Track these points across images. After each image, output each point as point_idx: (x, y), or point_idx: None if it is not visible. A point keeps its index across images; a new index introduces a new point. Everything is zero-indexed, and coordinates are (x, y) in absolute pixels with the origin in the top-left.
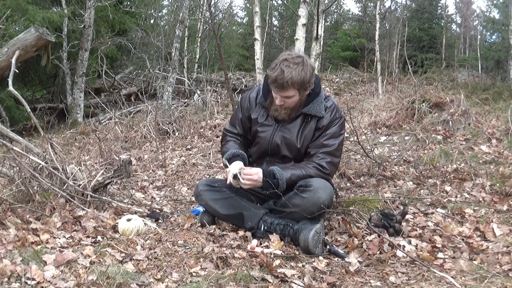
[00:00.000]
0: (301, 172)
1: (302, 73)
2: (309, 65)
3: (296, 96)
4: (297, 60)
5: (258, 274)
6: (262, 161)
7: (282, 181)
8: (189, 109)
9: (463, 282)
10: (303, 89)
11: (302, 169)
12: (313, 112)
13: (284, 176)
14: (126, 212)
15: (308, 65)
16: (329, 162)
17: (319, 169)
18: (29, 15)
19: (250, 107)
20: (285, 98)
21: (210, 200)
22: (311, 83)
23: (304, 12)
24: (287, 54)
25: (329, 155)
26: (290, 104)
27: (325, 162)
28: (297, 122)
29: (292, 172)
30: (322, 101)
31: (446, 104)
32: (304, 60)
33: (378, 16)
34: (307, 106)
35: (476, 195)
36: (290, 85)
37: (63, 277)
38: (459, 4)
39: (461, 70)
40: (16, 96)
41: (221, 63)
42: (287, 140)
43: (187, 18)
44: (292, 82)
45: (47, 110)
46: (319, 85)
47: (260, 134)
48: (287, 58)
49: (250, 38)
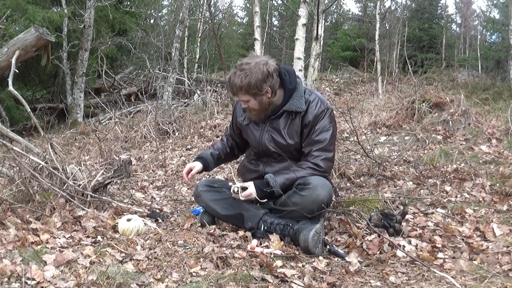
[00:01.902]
0: (295, 175)
1: (246, 79)
2: (260, 70)
3: (252, 100)
4: (244, 66)
5: (258, 274)
6: (259, 162)
7: (276, 187)
8: (189, 109)
9: (463, 282)
10: (253, 94)
11: (296, 172)
12: (293, 108)
13: (277, 183)
14: (126, 212)
15: (256, 70)
16: (323, 159)
17: (314, 169)
18: (29, 15)
19: (238, 111)
20: (244, 102)
21: (210, 201)
22: (265, 87)
23: (304, 12)
24: (239, 62)
25: (323, 151)
26: (253, 107)
27: (320, 160)
28: (282, 120)
29: (286, 176)
30: (302, 95)
31: (446, 104)
32: (252, 66)
33: (378, 16)
34: (287, 103)
35: (476, 195)
36: (236, 91)
37: (63, 277)
38: (459, 4)
39: (461, 70)
40: (16, 96)
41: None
42: (275, 139)
43: (187, 18)
44: (236, 88)
45: (47, 110)
46: (294, 80)
47: (250, 136)
48: (237, 65)
49: (250, 38)
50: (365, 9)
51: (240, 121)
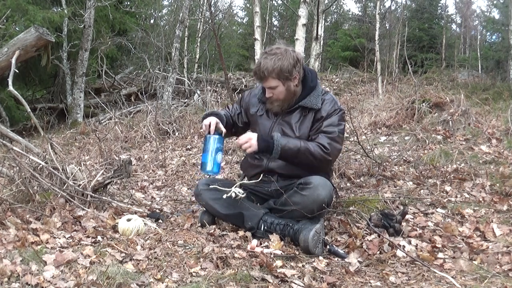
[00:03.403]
0: (299, 142)
1: (279, 62)
2: (290, 55)
3: (280, 86)
4: (275, 51)
5: (258, 274)
6: (263, 156)
7: (278, 142)
8: (189, 109)
9: (463, 282)
10: (283, 78)
11: (302, 141)
12: (310, 105)
13: (280, 141)
14: (126, 212)
15: (288, 55)
16: (330, 143)
17: (320, 147)
18: (29, 15)
19: (250, 101)
20: (271, 89)
21: (210, 200)
22: (295, 73)
23: (304, 12)
24: (268, 48)
25: (330, 139)
26: (278, 96)
27: (326, 142)
28: (295, 115)
29: (290, 139)
30: (320, 94)
31: (446, 104)
32: (283, 51)
33: (378, 16)
34: (304, 99)
35: (476, 195)
36: (267, 75)
37: (63, 277)
38: (459, 4)
39: (461, 70)
40: (16, 96)
41: (221, 63)
42: (285, 132)
43: (187, 18)
44: (268, 71)
45: (47, 110)
46: (315, 79)
47: (259, 127)
48: (266, 51)
49: (250, 38)
50: (365, 9)
51: (252, 112)
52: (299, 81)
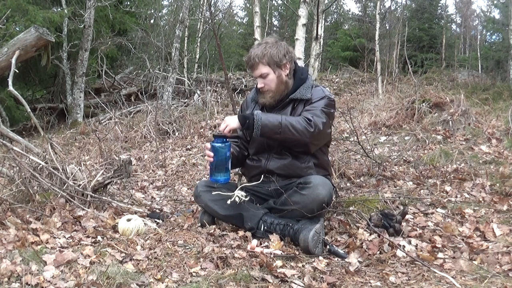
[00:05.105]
0: (281, 117)
1: (269, 49)
2: (280, 45)
3: (271, 74)
4: (265, 41)
5: (258, 274)
6: (261, 157)
7: (258, 117)
8: (189, 109)
9: (463, 282)
10: (274, 65)
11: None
12: (300, 96)
13: (261, 116)
14: (126, 212)
15: (277, 44)
16: (313, 116)
17: (303, 118)
18: (29, 15)
19: (247, 106)
20: (262, 78)
21: (210, 201)
22: (285, 60)
23: (304, 12)
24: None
25: (313, 114)
26: (270, 85)
27: (310, 115)
28: (287, 109)
29: (271, 114)
30: (310, 87)
31: (446, 104)
32: (273, 40)
33: (378, 16)
34: (295, 92)
35: (476, 195)
36: (258, 62)
37: (63, 277)
38: (459, 4)
39: (461, 70)
40: (16, 96)
41: (221, 63)
42: None
43: (187, 18)
44: (258, 57)
45: (47, 110)
46: (305, 73)
47: None
48: (258, 42)
49: (250, 38)
50: (365, 9)
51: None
52: (290, 72)
